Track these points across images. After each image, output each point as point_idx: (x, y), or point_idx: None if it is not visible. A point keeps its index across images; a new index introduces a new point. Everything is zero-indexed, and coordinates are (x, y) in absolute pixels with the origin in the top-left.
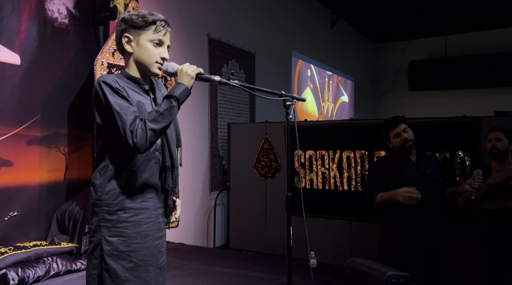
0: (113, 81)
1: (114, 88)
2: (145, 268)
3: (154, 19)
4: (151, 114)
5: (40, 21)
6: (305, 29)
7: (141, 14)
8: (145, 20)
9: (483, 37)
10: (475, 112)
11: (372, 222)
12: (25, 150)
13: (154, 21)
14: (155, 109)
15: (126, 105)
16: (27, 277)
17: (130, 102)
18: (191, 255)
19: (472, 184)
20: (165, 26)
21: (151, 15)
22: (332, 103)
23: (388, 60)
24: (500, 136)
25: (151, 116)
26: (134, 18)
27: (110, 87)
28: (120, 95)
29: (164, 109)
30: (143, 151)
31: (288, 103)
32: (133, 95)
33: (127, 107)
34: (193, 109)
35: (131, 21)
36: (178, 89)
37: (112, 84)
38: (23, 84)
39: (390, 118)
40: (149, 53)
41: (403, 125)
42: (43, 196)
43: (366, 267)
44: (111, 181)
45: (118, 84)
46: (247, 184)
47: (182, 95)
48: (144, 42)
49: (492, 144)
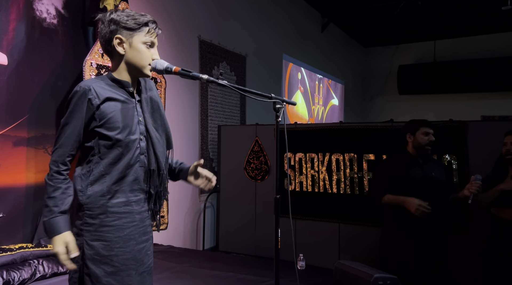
0: (88, 89)
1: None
2: (127, 272)
3: (146, 20)
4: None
5: (28, 21)
6: (296, 32)
7: (131, 15)
8: (137, 22)
9: (471, 43)
10: (462, 116)
11: (361, 224)
12: (12, 150)
13: (146, 23)
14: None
15: (69, 133)
16: (12, 280)
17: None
18: (180, 258)
19: (470, 189)
20: (156, 28)
21: (142, 16)
22: (322, 106)
23: (377, 64)
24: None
25: (48, 190)
26: (126, 19)
27: (75, 100)
28: (76, 116)
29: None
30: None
31: (278, 106)
32: (114, 105)
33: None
34: (183, 111)
35: (123, 22)
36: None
37: (81, 97)
38: (10, 85)
39: (425, 119)
40: (143, 55)
41: (433, 130)
42: (30, 198)
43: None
44: (93, 185)
45: (94, 93)
46: (237, 186)
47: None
48: (137, 44)
49: (507, 148)
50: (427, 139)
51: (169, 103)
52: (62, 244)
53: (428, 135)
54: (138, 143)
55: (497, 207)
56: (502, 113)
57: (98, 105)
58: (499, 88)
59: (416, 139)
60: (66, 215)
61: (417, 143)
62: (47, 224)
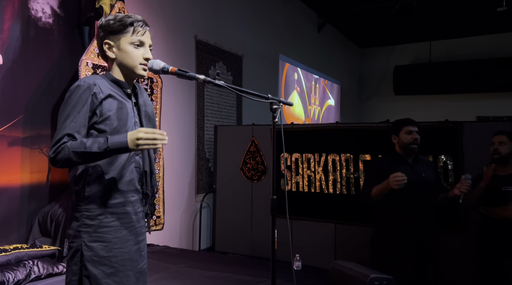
0: (93, 84)
1: (81, 97)
2: (125, 273)
3: (131, 21)
4: (80, 146)
5: (23, 20)
6: (293, 32)
7: (118, 18)
8: (122, 24)
9: (466, 44)
10: (457, 117)
11: (357, 224)
12: (7, 150)
13: (131, 23)
14: (86, 144)
15: (73, 118)
16: (7, 280)
17: (80, 118)
18: (176, 258)
19: (461, 188)
20: (143, 26)
21: (128, 17)
22: (318, 106)
23: (373, 64)
24: (504, 140)
25: (77, 148)
26: (111, 23)
27: (78, 93)
28: (79, 108)
29: (92, 151)
30: (54, 166)
31: (275, 107)
32: (113, 103)
33: (73, 121)
34: (179, 111)
35: (109, 27)
36: (118, 141)
37: (86, 90)
38: (5, 84)
39: (408, 118)
40: (131, 56)
41: (417, 128)
42: (25, 198)
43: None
44: (91, 186)
45: (98, 88)
46: (233, 186)
47: (116, 148)
48: (124, 45)
49: (495, 147)
50: (411, 138)
51: (166, 103)
52: (137, 132)
53: (412, 134)
54: None
55: (485, 206)
56: (497, 114)
57: (101, 100)
58: (494, 89)
59: (401, 140)
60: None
61: (402, 143)
62: (112, 146)
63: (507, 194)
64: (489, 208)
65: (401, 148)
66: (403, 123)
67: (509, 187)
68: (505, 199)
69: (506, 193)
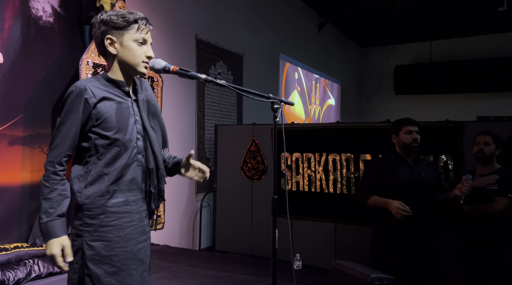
0: (84, 89)
1: (73, 104)
2: (128, 272)
3: (135, 18)
4: (46, 200)
5: (24, 19)
6: (293, 32)
7: (120, 14)
8: (126, 20)
9: (467, 44)
10: (458, 116)
11: (358, 224)
12: (7, 149)
13: (135, 20)
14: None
15: (65, 133)
16: (7, 279)
17: (73, 128)
18: (176, 257)
19: (462, 189)
20: (146, 24)
21: (131, 14)
22: (319, 106)
23: (374, 64)
24: (489, 141)
25: (45, 196)
26: (115, 19)
27: (70, 100)
28: (72, 116)
29: (41, 212)
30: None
31: (276, 106)
32: (109, 104)
33: (65, 137)
34: (180, 110)
35: (112, 22)
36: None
37: (77, 96)
38: (5, 83)
39: (408, 118)
40: (135, 53)
41: (417, 128)
42: (25, 197)
43: (350, 269)
44: (92, 186)
45: (90, 92)
46: (234, 186)
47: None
48: (128, 42)
49: (480, 147)
50: (411, 138)
51: (166, 102)
52: (59, 246)
53: (411, 134)
54: (135, 142)
55: (469, 204)
56: (497, 113)
57: (95, 104)
58: (495, 89)
59: (400, 140)
60: (63, 219)
61: (401, 143)
62: (43, 227)
63: (490, 192)
64: (473, 206)
65: (401, 148)
66: (403, 123)
67: (492, 185)
68: (488, 197)
69: (489, 191)
